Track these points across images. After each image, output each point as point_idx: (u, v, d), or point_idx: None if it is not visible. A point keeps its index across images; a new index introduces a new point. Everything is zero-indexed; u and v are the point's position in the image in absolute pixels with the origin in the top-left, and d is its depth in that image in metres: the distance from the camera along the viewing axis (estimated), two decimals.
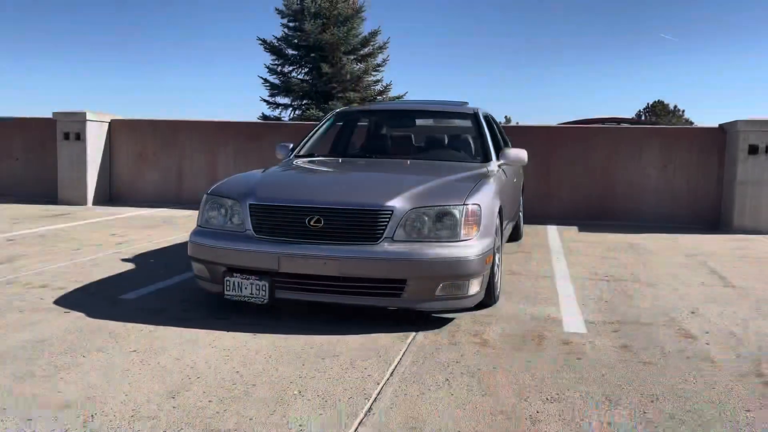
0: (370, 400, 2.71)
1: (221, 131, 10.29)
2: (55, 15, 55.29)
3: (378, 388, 2.83)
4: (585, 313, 4.11)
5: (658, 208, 8.86)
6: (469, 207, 3.71)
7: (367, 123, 6.34)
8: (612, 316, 4.06)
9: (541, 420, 2.54)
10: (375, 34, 22.32)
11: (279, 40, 21.86)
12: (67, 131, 10.05)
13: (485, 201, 3.88)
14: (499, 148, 5.28)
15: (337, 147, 5.87)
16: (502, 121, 18.92)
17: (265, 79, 22.39)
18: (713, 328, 3.83)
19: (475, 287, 3.69)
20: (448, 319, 3.88)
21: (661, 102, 50.54)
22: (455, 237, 3.64)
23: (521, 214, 7.13)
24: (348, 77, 20.74)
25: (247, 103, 72.66)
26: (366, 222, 3.63)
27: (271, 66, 22.20)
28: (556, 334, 3.66)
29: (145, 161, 10.47)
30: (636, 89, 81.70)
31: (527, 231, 7.65)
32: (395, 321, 3.80)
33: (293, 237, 3.68)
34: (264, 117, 22.24)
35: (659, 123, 36.36)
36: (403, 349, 3.35)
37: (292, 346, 3.37)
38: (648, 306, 4.34)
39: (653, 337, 3.65)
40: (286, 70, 22.21)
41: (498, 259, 4.27)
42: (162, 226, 7.76)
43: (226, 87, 67.81)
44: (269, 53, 21.97)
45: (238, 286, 3.72)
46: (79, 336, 3.47)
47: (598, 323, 3.90)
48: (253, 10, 48.51)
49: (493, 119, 6.32)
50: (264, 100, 22.63)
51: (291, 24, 21.60)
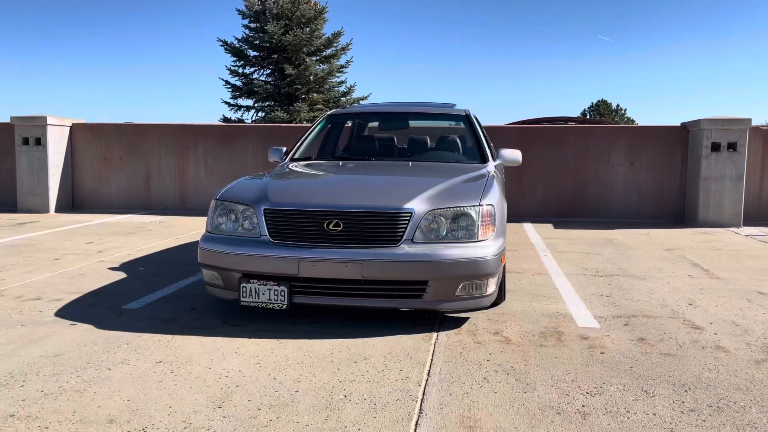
0: (418, 402, 2.72)
1: (190, 134, 10.07)
2: (7, 18, 52.72)
3: (421, 389, 2.85)
4: (591, 308, 4.23)
5: (626, 205, 9.17)
6: (485, 208, 3.77)
7: (361, 125, 6.34)
8: (617, 311, 4.19)
9: (589, 414, 2.62)
10: (338, 36, 22.37)
11: (240, 41, 21.64)
12: (26, 136, 9.68)
13: (497, 201, 3.95)
14: (491, 149, 5.37)
15: (334, 149, 5.84)
16: None
17: (227, 81, 22.13)
18: (715, 319, 4.01)
19: (492, 286, 3.75)
20: (463, 319, 3.93)
21: (604, 101, 52.20)
22: (473, 237, 3.69)
23: None
24: (312, 79, 20.66)
25: (208, 105, 71.18)
26: (386, 224, 3.64)
27: (232, 68, 21.98)
28: (572, 330, 3.76)
29: (110, 166, 10.17)
30: (581, 89, 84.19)
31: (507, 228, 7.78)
32: (411, 322, 3.83)
33: (311, 241, 3.65)
34: (225, 119, 21.87)
35: (604, 122, 37.45)
36: (431, 350, 3.38)
37: (318, 350, 3.35)
38: (646, 299, 4.49)
39: (664, 329, 3.79)
40: (248, 71, 21.99)
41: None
42: (137, 233, 7.56)
43: (186, 89, 66.02)
44: (230, 55, 21.73)
45: (256, 292, 3.67)
46: (96, 348, 3.37)
47: (607, 318, 4.02)
48: (213, 11, 47.41)
49: (479, 120, 6.41)
50: (225, 103, 22.36)
51: (252, 25, 21.39)
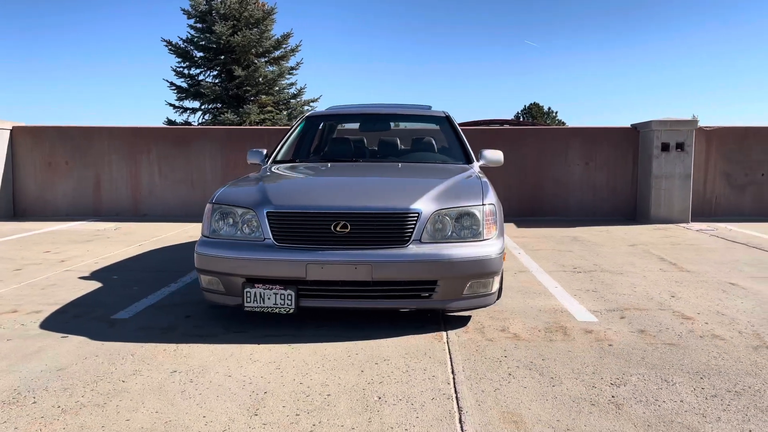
0: (453, 400, 2.73)
1: (142, 137, 9.73)
2: None
3: (451, 387, 2.86)
4: (584, 303, 4.35)
5: (582, 203, 9.49)
6: (487, 207, 3.82)
7: (332, 127, 6.29)
8: (609, 305, 4.33)
9: (622, 404, 2.69)
10: (287, 37, 22.12)
11: (185, 41, 21.06)
12: None
13: (495, 201, 4.00)
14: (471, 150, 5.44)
15: (313, 151, 5.78)
16: None
17: (172, 83, 21.47)
18: (701, 309, 4.20)
19: (496, 284, 3.80)
20: (466, 318, 3.96)
21: (536, 104, 53.78)
22: (478, 237, 3.73)
23: None
24: (261, 80, 20.33)
25: (152, 107, 68.42)
26: (395, 225, 3.62)
27: (177, 68, 21.35)
28: (574, 325, 3.85)
29: (56, 172, 9.70)
30: (513, 93, 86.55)
31: None
32: (417, 322, 3.83)
33: (318, 244, 3.60)
34: (170, 122, 21.15)
35: (537, 123, 38.65)
36: (446, 349, 3.39)
37: (334, 353, 3.31)
38: (631, 293, 4.66)
39: (658, 320, 3.94)
40: (194, 72, 21.45)
41: None
42: (95, 241, 7.24)
43: (128, 90, 63.29)
44: (175, 55, 21.10)
45: (260, 296, 3.59)
46: (100, 360, 3.20)
47: (602, 312, 4.15)
48: (157, 11, 45.69)
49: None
50: (170, 105, 21.65)
51: (198, 25, 20.88)
